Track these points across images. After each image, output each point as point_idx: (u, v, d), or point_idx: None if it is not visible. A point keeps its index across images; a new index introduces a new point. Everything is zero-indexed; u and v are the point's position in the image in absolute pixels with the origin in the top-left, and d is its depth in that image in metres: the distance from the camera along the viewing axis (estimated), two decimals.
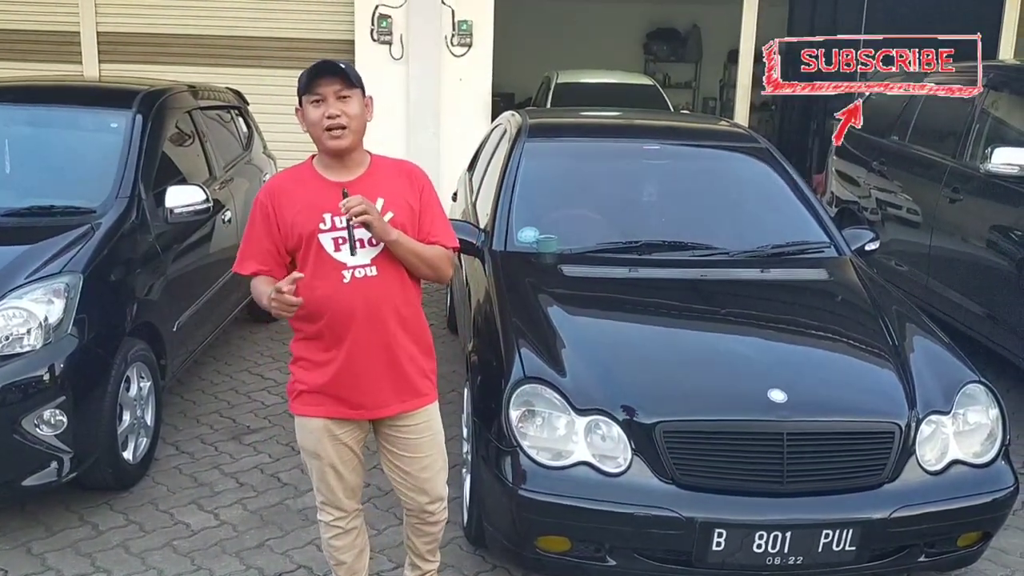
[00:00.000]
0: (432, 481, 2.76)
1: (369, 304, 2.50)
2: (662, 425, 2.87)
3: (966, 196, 5.39)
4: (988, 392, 3.16)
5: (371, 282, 2.50)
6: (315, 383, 2.58)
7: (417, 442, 2.69)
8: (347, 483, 2.72)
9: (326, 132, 2.46)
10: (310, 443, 2.66)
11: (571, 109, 7.84)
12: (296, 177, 2.59)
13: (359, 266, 2.49)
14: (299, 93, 2.51)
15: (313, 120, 2.47)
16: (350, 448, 2.67)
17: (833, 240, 4.12)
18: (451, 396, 4.60)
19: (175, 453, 4.19)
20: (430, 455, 2.73)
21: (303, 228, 2.49)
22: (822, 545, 2.79)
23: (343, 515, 2.77)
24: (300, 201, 2.51)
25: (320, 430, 2.62)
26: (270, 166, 6.37)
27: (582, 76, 10.45)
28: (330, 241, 2.48)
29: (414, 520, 2.85)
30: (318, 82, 2.47)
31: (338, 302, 2.48)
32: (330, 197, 2.47)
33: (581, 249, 3.92)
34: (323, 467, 2.67)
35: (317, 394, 2.59)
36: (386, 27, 8.30)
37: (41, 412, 3.34)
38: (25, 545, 3.42)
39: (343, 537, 2.80)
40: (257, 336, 5.79)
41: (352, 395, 2.58)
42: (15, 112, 4.72)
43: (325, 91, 2.46)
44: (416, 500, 2.77)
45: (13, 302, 3.38)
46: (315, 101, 2.47)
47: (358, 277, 2.49)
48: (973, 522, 3.00)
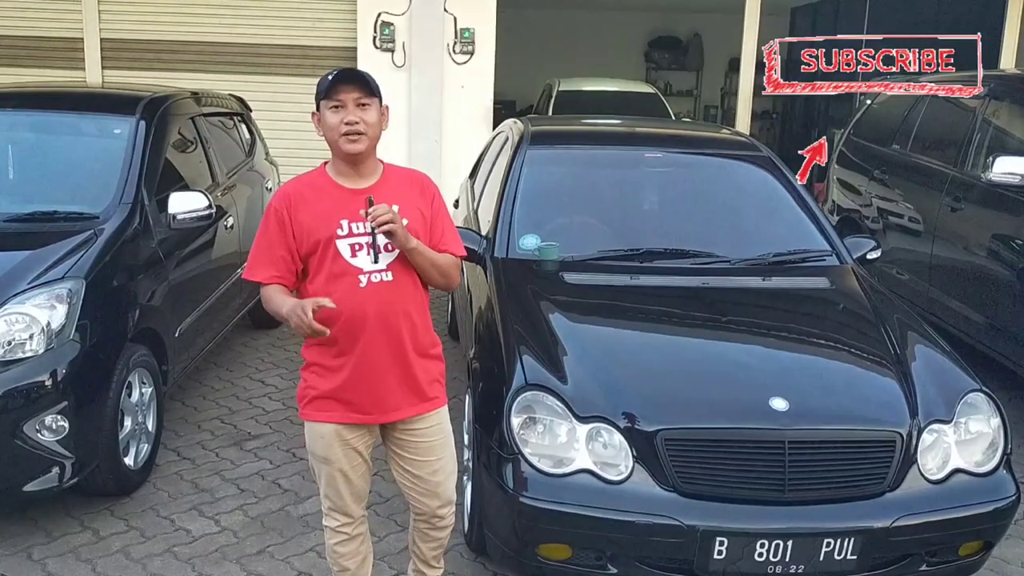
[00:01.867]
0: (443, 485, 2.76)
1: (383, 309, 2.53)
2: (663, 433, 2.86)
3: (967, 205, 5.40)
4: (990, 401, 3.15)
5: (386, 287, 2.53)
6: (327, 388, 2.59)
7: (428, 445, 2.71)
8: (355, 488, 2.72)
9: (343, 136, 2.49)
10: (320, 448, 2.66)
11: (573, 117, 7.86)
12: (311, 184, 2.61)
13: (376, 271, 2.52)
14: (318, 98, 2.54)
15: (331, 125, 2.51)
16: (360, 453, 2.68)
17: (835, 248, 4.13)
18: (453, 403, 4.56)
19: (176, 459, 4.19)
20: (441, 458, 2.74)
21: (320, 234, 2.51)
22: (823, 554, 2.79)
23: (350, 521, 2.77)
24: (317, 207, 2.54)
25: (331, 435, 2.63)
26: (272, 173, 6.39)
27: (584, 84, 10.49)
28: (347, 247, 2.51)
29: (423, 525, 2.85)
30: (339, 88, 2.50)
31: (353, 307, 2.50)
32: (347, 204, 2.51)
33: (582, 256, 3.92)
34: (332, 472, 2.67)
35: (329, 399, 2.60)
36: (389, 35, 8.32)
37: (43, 417, 3.35)
38: (26, 551, 3.42)
39: (348, 544, 2.80)
40: (258, 342, 5.79)
41: (364, 399, 2.59)
42: (19, 118, 4.73)
43: (345, 97, 2.49)
44: (427, 504, 2.77)
45: (16, 307, 3.39)
46: (334, 107, 2.50)
47: (374, 282, 2.52)
48: (975, 531, 2.99)
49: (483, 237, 4.14)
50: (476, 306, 3.95)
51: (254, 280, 2.60)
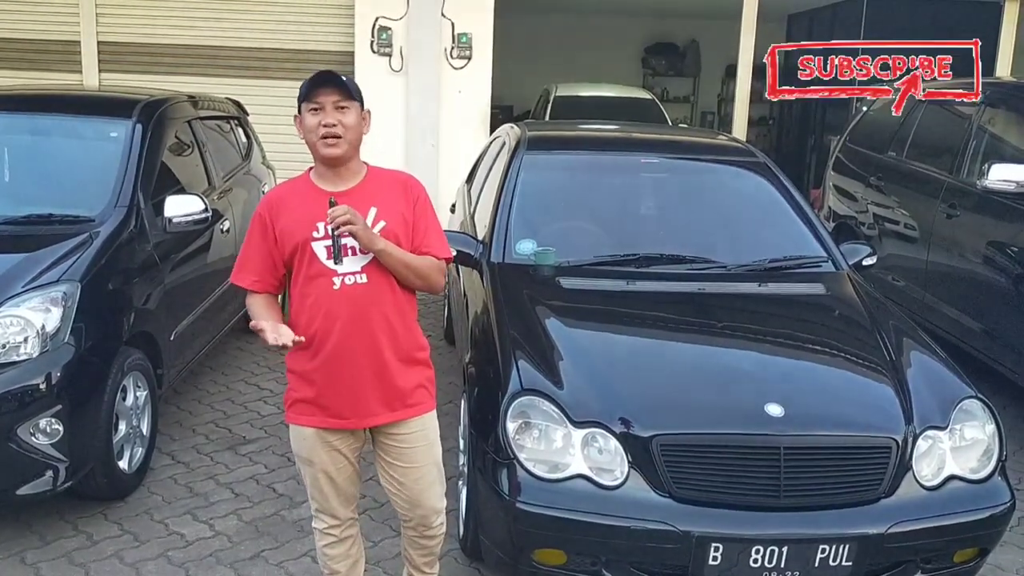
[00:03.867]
0: (426, 493, 2.74)
1: (356, 311, 2.52)
2: (659, 438, 2.86)
3: (963, 212, 5.41)
4: (985, 408, 3.16)
5: (360, 290, 2.52)
6: (306, 392, 2.60)
7: (410, 452, 2.68)
8: (341, 491, 2.72)
9: (321, 140, 2.50)
10: (304, 450, 2.67)
11: (570, 122, 7.87)
12: (293, 188, 2.63)
13: (349, 273, 2.51)
14: (299, 100, 2.55)
15: (310, 127, 2.51)
16: (344, 456, 2.68)
17: (830, 255, 4.13)
18: (448, 408, 4.60)
19: (171, 463, 4.18)
20: (424, 466, 2.71)
21: (297, 237, 2.52)
22: (818, 560, 2.79)
23: (337, 523, 2.77)
24: (295, 211, 2.55)
25: (313, 437, 2.64)
26: (269, 176, 6.38)
27: (581, 89, 10.49)
28: (323, 249, 2.51)
29: (411, 532, 2.85)
30: (318, 91, 2.51)
31: (327, 309, 2.51)
32: (323, 206, 2.48)
33: (579, 261, 3.92)
34: (316, 474, 2.68)
35: (308, 403, 2.61)
36: (386, 39, 8.33)
37: (37, 421, 3.34)
38: (19, 555, 3.41)
39: (337, 546, 2.80)
40: (254, 346, 5.78)
41: (338, 404, 2.59)
42: (15, 120, 4.72)
43: (324, 100, 2.50)
44: (410, 512, 2.77)
45: (10, 310, 3.38)
46: (313, 109, 2.51)
47: (348, 284, 2.51)
48: (970, 538, 3.00)
49: (479, 242, 4.13)
50: (472, 311, 3.95)
51: (238, 284, 2.64)
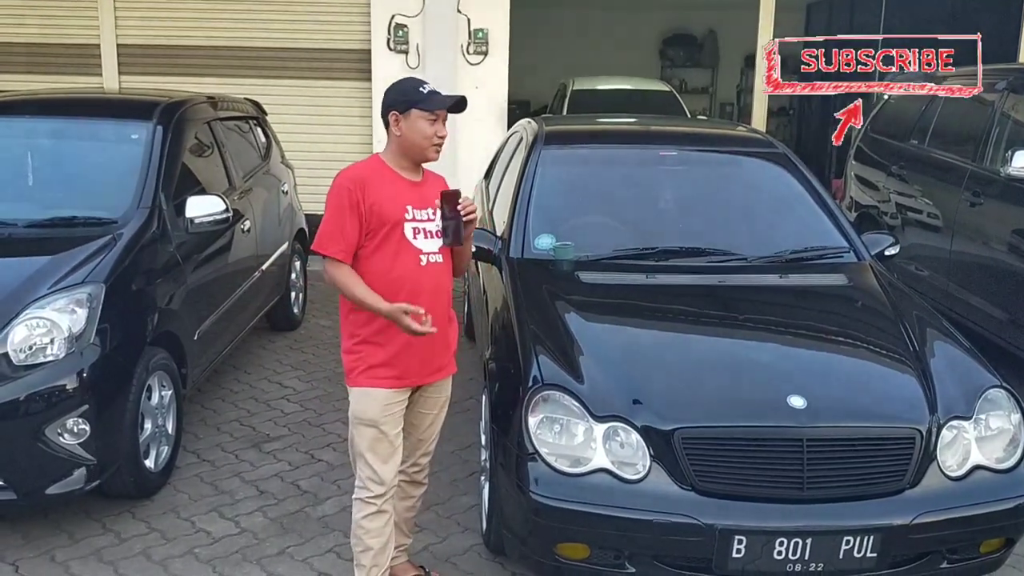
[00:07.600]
0: (434, 437, 3.13)
1: (435, 284, 2.89)
2: (681, 432, 2.86)
3: (987, 200, 5.35)
4: (1010, 397, 3.13)
5: (438, 267, 2.90)
6: (384, 356, 2.85)
7: (436, 402, 3.05)
8: (396, 453, 2.93)
9: (433, 146, 2.86)
10: (373, 411, 2.85)
11: (587, 116, 7.85)
12: (373, 170, 2.88)
13: (432, 252, 2.87)
14: (415, 103, 2.81)
15: (425, 133, 2.83)
16: (400, 416, 2.94)
17: (852, 245, 4.10)
18: (469, 403, 4.61)
19: (196, 461, 4.22)
20: (440, 415, 3.10)
21: (390, 216, 2.81)
22: (843, 552, 2.78)
23: (382, 492, 2.90)
24: (385, 191, 2.83)
25: (385, 398, 2.87)
26: (288, 176, 6.41)
27: (598, 83, 10.46)
28: (411, 229, 2.84)
29: (402, 478, 3.04)
30: (443, 107, 2.86)
31: (414, 283, 2.83)
32: (408, 192, 2.86)
33: (598, 256, 3.92)
34: (379, 435, 2.87)
35: (384, 366, 2.86)
36: (402, 36, 8.34)
37: (64, 421, 3.38)
38: (48, 553, 3.46)
39: (377, 518, 2.90)
40: (276, 345, 5.82)
41: (414, 366, 2.89)
42: (37, 124, 4.78)
43: (442, 113, 2.87)
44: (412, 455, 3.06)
45: (36, 312, 3.42)
46: (432, 120, 2.83)
47: (432, 262, 2.87)
48: (996, 528, 2.97)
49: (498, 237, 4.14)
50: (492, 307, 3.96)
51: (327, 254, 2.81)
